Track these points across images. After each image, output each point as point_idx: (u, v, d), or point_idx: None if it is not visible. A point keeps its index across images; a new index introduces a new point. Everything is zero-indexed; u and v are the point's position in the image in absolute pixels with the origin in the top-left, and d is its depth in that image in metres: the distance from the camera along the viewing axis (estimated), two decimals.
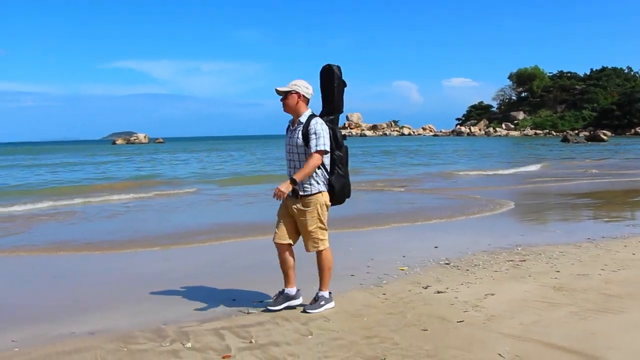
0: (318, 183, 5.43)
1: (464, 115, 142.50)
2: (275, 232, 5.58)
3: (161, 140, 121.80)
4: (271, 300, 5.71)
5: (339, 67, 5.50)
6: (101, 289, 6.63)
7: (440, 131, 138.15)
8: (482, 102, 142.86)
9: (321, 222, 5.50)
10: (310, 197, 5.42)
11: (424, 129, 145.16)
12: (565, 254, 7.83)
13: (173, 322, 5.26)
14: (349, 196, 5.67)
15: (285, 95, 5.46)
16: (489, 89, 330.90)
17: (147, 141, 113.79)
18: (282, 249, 5.57)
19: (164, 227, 11.38)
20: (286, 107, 5.51)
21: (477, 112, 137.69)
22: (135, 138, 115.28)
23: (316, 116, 5.46)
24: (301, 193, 5.41)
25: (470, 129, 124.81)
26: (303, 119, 5.43)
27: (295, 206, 5.46)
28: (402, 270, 7.15)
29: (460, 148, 56.78)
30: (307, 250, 5.58)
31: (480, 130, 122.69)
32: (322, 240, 5.53)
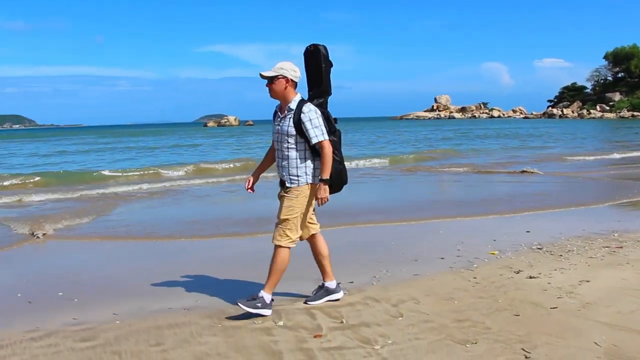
0: (307, 174, 5.07)
1: (556, 97, 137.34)
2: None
3: (251, 122, 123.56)
4: (311, 295, 5.46)
5: (325, 47, 5.14)
6: (195, 269, 6.84)
7: (532, 113, 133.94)
8: (575, 83, 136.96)
9: (296, 216, 5.08)
10: (297, 189, 5.06)
11: (514, 111, 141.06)
12: None
13: None
14: (346, 182, 5.28)
15: (271, 80, 5.03)
16: (583, 70, 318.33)
17: (237, 124, 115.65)
18: (311, 243, 5.41)
19: (262, 211, 11.59)
20: (273, 93, 5.08)
21: (570, 94, 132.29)
22: (225, 120, 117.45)
23: (307, 101, 5.09)
24: (288, 185, 5.10)
25: (562, 111, 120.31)
26: (293, 105, 5.03)
27: (281, 194, 5.17)
28: (493, 254, 7.05)
29: (557, 131, 54.50)
30: (272, 239, 5.17)
31: (573, 112, 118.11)
32: (287, 236, 5.08)
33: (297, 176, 5.05)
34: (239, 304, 5.00)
